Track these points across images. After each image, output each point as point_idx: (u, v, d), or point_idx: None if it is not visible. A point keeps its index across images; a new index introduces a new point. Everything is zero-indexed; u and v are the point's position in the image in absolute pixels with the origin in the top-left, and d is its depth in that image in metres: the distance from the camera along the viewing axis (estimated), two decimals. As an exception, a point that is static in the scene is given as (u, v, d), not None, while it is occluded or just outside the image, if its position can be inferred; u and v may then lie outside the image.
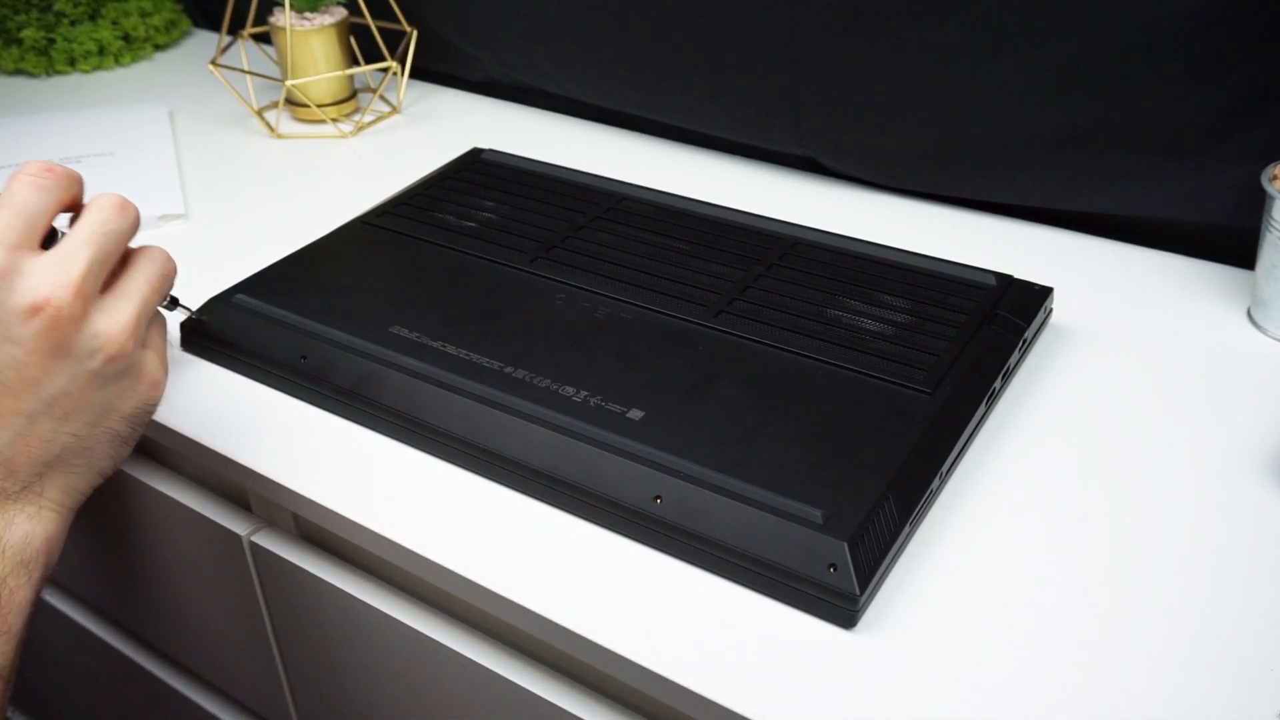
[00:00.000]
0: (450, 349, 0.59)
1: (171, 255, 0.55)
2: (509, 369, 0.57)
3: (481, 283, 0.65)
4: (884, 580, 0.48)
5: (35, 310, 0.47)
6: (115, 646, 0.80)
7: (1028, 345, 0.61)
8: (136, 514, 0.68)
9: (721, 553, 0.48)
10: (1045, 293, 0.63)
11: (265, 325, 0.62)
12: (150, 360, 0.52)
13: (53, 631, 0.85)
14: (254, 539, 0.61)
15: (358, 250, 0.70)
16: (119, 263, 0.51)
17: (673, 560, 0.49)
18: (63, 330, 0.47)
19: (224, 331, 0.63)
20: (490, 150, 0.81)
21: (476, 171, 0.78)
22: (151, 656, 0.78)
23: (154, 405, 0.53)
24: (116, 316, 0.49)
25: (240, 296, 0.64)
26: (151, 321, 0.54)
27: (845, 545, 0.46)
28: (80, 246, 0.48)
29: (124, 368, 0.50)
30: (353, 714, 0.64)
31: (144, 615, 0.75)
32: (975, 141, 0.72)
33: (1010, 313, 0.61)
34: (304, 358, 0.60)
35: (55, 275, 0.47)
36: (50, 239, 0.51)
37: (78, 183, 0.51)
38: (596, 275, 0.65)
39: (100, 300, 0.49)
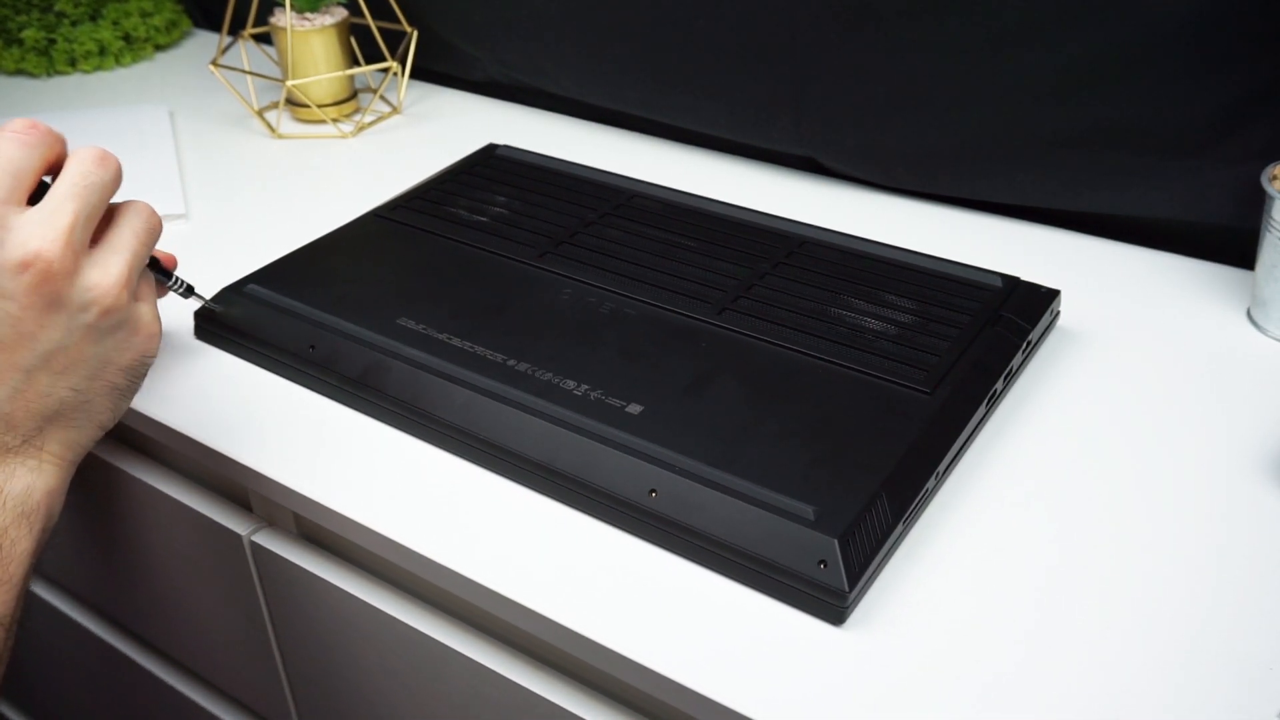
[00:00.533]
0: (455, 341, 0.59)
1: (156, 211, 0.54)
2: (511, 362, 0.57)
3: (490, 277, 0.65)
4: (875, 578, 0.48)
5: (26, 265, 0.47)
6: (115, 646, 0.80)
7: (1032, 347, 0.61)
8: (136, 514, 0.68)
9: (714, 547, 0.48)
10: (1052, 295, 0.62)
11: (276, 315, 0.62)
12: (145, 312, 0.52)
13: (52, 630, 0.85)
14: (254, 539, 0.61)
15: (370, 243, 0.70)
16: (104, 218, 0.51)
17: (666, 554, 0.49)
18: (55, 284, 0.48)
19: (236, 320, 0.63)
20: (505, 146, 0.81)
21: (491, 167, 0.78)
22: (151, 656, 0.78)
23: (151, 357, 0.53)
24: (108, 269, 0.49)
25: (253, 286, 0.65)
26: (141, 277, 0.53)
27: (835, 542, 0.46)
28: (65, 200, 0.48)
29: (119, 320, 0.50)
30: (353, 714, 0.64)
31: (144, 615, 0.75)
32: (975, 141, 0.72)
33: (1015, 314, 0.60)
34: (313, 347, 0.60)
35: (44, 230, 0.47)
36: (37, 195, 0.50)
37: (61, 141, 0.51)
38: (604, 271, 0.65)
39: (90, 254, 0.50)
